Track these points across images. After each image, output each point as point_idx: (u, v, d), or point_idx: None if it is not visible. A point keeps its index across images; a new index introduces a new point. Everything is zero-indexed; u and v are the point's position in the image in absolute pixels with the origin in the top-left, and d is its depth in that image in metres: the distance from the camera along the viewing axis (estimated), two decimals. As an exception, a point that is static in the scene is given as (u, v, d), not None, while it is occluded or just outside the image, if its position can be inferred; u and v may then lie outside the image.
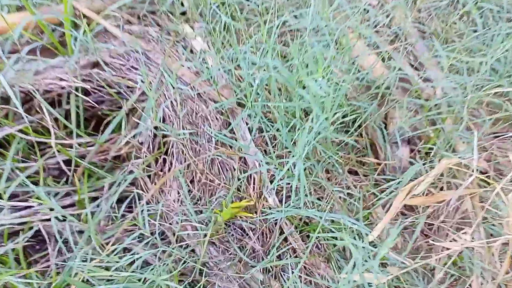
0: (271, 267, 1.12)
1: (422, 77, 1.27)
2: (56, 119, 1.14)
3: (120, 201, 1.12)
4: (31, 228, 1.02)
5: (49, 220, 0.99)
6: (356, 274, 0.89)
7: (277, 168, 1.10)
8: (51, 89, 1.04)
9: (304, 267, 1.16)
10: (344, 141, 1.24)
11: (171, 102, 1.16)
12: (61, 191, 1.08)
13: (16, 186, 1.00)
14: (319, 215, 0.98)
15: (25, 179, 0.93)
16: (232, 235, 1.15)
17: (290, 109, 1.16)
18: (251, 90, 1.04)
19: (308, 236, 1.20)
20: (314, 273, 1.16)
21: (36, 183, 1.05)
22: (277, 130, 1.13)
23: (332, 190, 1.15)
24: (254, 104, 1.04)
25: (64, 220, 0.99)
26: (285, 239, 1.16)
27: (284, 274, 1.13)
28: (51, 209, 0.96)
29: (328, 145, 1.16)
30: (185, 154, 1.14)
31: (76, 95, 1.06)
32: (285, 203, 1.18)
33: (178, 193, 1.14)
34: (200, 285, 0.94)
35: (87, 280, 0.97)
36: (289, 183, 1.17)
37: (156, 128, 1.13)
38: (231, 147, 1.19)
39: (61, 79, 1.03)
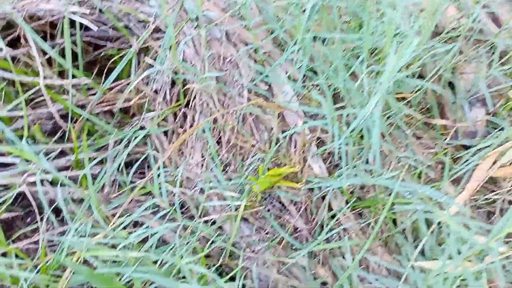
0: (318, 251, 0.90)
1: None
2: (49, 61, 0.90)
3: (129, 165, 0.89)
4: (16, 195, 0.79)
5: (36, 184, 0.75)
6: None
7: (331, 126, 0.86)
8: (38, 15, 0.80)
9: (358, 251, 0.93)
10: (405, 97, 0.99)
11: (193, 42, 0.92)
12: (54, 149, 0.84)
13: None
14: (391, 185, 0.74)
15: (7, 130, 0.69)
16: (268, 210, 0.92)
17: (344, 53, 0.91)
18: (300, 20, 0.79)
19: (360, 214, 0.97)
20: (368, 259, 0.93)
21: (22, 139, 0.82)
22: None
23: (397, 157, 0.91)
24: (304, 38, 0.79)
25: (56, 185, 0.76)
26: (333, 217, 0.93)
27: (334, 259, 0.90)
28: (44, 171, 0.72)
29: (392, 98, 0.92)
30: (211, 107, 0.90)
31: (72, 24, 0.82)
32: (331, 173, 0.95)
33: (202, 156, 0.90)
34: (237, 271, 0.71)
35: (86, 261, 0.74)
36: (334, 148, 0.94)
37: (175, 73, 0.89)
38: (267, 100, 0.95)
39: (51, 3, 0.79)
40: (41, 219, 0.83)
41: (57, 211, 0.88)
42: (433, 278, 0.63)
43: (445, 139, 1.01)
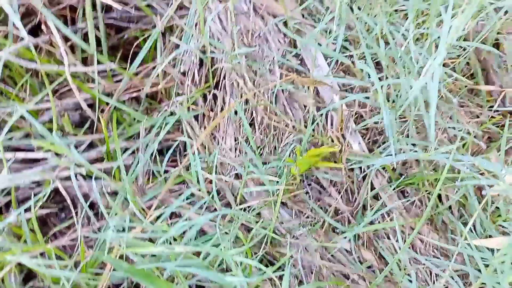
0: (362, 233, 0.86)
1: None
2: (71, 48, 0.86)
3: (160, 153, 0.86)
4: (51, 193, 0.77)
5: (70, 178, 0.73)
6: None
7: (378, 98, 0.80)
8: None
9: (402, 231, 0.89)
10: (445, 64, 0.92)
11: (219, 18, 0.86)
12: (84, 141, 0.81)
13: (20, 136, 0.74)
14: (444, 156, 0.68)
15: (36, 123, 0.66)
16: (307, 193, 0.87)
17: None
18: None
19: (402, 192, 0.92)
20: (415, 239, 0.88)
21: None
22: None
23: (446, 127, 0.84)
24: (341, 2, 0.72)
25: (90, 178, 0.73)
26: (375, 197, 0.88)
27: (379, 241, 0.86)
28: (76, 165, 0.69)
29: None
30: (241, 87, 0.85)
31: (93, 7, 0.77)
32: (370, 151, 0.89)
33: (235, 140, 0.86)
34: (286, 260, 0.67)
35: (126, 256, 0.72)
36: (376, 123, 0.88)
37: (203, 52, 0.84)
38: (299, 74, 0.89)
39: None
40: (76, 214, 0.81)
41: (90, 206, 0.86)
42: (499, 257, 0.58)
43: (492, 107, 0.95)
